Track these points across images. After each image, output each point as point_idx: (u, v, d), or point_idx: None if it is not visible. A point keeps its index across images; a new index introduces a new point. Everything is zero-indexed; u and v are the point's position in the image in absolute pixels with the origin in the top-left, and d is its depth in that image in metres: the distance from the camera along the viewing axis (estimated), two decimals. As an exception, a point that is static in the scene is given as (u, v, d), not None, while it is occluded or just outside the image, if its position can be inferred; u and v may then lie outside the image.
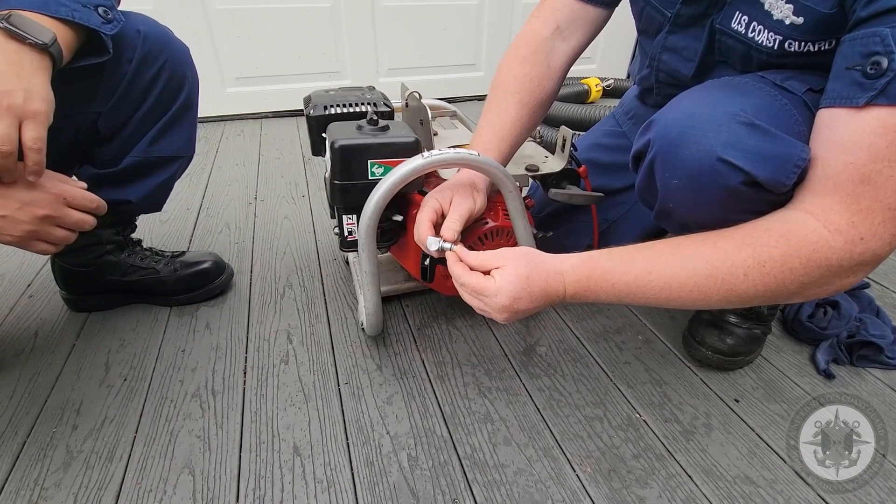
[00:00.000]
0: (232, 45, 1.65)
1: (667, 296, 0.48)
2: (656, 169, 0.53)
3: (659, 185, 0.54)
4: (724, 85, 0.52)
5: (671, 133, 0.50)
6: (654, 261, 0.49)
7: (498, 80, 0.69)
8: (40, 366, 0.73)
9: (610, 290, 0.50)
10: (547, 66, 0.69)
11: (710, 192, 0.49)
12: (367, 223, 0.59)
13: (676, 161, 0.49)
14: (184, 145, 0.76)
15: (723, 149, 0.46)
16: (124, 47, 0.64)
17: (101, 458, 0.60)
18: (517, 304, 0.50)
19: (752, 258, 0.45)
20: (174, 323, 0.81)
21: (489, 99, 0.69)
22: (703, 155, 0.47)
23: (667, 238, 0.52)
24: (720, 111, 0.47)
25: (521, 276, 0.50)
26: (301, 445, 0.62)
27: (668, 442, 0.64)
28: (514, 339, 0.80)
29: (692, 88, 0.54)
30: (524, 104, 0.67)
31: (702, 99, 0.50)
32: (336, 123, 0.65)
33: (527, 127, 0.69)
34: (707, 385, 0.73)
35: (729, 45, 0.56)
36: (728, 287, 0.46)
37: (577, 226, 0.87)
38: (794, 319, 0.82)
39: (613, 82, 1.95)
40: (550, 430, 0.66)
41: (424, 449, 0.62)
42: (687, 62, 0.62)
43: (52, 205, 0.55)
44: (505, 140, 0.66)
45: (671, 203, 0.54)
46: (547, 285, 0.51)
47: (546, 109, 0.72)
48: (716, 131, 0.46)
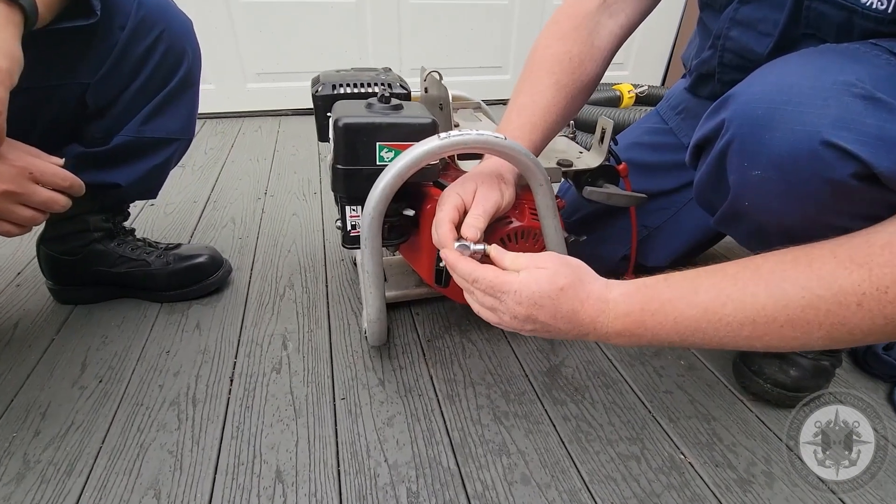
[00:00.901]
0: (254, 40, 1.62)
1: (748, 334, 0.37)
2: (731, 157, 0.42)
3: (733, 179, 0.43)
4: (827, 51, 0.41)
5: (756, 110, 0.39)
6: (728, 288, 0.38)
7: (532, 58, 0.60)
8: (14, 361, 0.66)
9: (671, 329, 0.39)
10: (591, 44, 0.59)
11: (806, 187, 0.38)
12: (370, 214, 0.51)
13: (762, 146, 0.39)
14: (180, 127, 0.70)
15: (830, 129, 0.35)
16: (116, 12, 0.58)
17: (60, 472, 0.53)
18: (536, 311, 0.41)
19: (869, 282, 0.34)
20: (162, 321, 0.74)
21: (521, 80, 0.59)
22: (801, 137, 0.36)
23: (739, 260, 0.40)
24: (827, 80, 0.36)
25: (555, 284, 0.40)
26: (285, 470, 0.54)
27: (720, 492, 0.53)
28: (535, 357, 0.71)
29: (782, 57, 0.42)
30: (562, 87, 0.57)
31: (800, 67, 0.39)
32: (343, 101, 0.58)
33: (563, 114, 0.59)
34: (765, 424, 0.62)
35: (821, 13, 0.46)
36: (834, 321, 0.35)
37: (613, 232, 0.78)
38: (866, 351, 0.70)
39: (647, 89, 1.84)
40: (577, 468, 0.55)
41: (427, 483, 0.53)
42: (762, 37, 0.52)
43: (16, 179, 0.48)
44: (537, 127, 0.57)
45: (748, 201, 0.43)
46: (581, 309, 0.41)
47: (587, 96, 0.62)
48: (821, 106, 0.36)
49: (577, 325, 0.42)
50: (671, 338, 0.40)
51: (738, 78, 0.45)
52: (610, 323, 0.41)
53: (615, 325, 0.41)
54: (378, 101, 0.54)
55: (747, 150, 0.40)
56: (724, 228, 0.50)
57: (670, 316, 0.39)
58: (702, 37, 0.64)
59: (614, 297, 0.42)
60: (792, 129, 0.37)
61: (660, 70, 2.12)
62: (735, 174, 0.43)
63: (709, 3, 0.60)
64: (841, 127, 0.35)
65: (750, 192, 0.42)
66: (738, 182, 0.43)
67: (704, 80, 0.64)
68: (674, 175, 0.74)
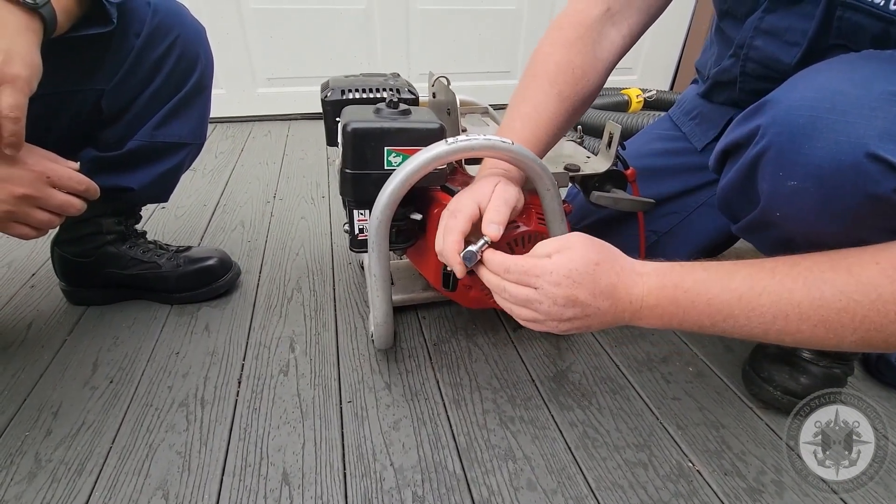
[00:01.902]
0: (265, 46, 1.64)
1: (780, 327, 0.37)
2: (765, 165, 0.41)
3: (766, 188, 0.42)
4: (873, 57, 0.39)
5: (798, 117, 0.38)
6: (766, 279, 0.38)
7: (535, 64, 0.59)
8: (27, 360, 0.67)
9: (703, 309, 0.39)
10: (593, 55, 0.59)
11: (845, 201, 0.37)
12: (378, 218, 0.51)
13: (800, 156, 0.38)
14: (192, 132, 0.71)
15: (878, 141, 0.34)
16: (131, 19, 0.59)
17: (70, 471, 0.53)
18: (576, 291, 0.40)
19: None
20: (172, 322, 0.75)
21: (523, 86, 0.59)
22: (844, 148, 0.35)
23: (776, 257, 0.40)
24: (875, 89, 0.35)
25: (590, 260, 0.40)
26: (291, 472, 0.54)
27: (729, 501, 0.53)
28: (542, 362, 0.70)
29: (825, 61, 0.41)
30: (564, 98, 0.57)
31: (845, 74, 0.38)
32: (352, 106, 0.58)
33: (563, 126, 0.59)
34: (775, 432, 0.61)
35: (855, 23, 0.44)
36: (870, 327, 0.34)
37: (621, 237, 0.77)
38: (878, 359, 0.69)
39: (656, 93, 1.84)
40: (584, 475, 0.55)
41: (433, 487, 0.53)
42: (790, 47, 0.50)
43: (34, 183, 0.50)
44: (541, 140, 0.57)
45: (780, 212, 0.42)
46: (619, 282, 0.40)
47: (586, 108, 0.62)
48: (868, 116, 0.34)
49: (616, 302, 0.41)
50: (702, 320, 0.39)
51: (761, 87, 0.44)
52: (644, 296, 0.41)
53: (649, 300, 0.41)
54: (386, 106, 0.55)
55: (785, 159, 0.39)
56: (748, 236, 0.49)
57: (703, 296, 0.39)
58: (721, 45, 0.63)
59: (648, 271, 0.41)
60: (836, 139, 0.36)
61: (668, 75, 2.11)
62: (768, 183, 0.41)
63: (729, 12, 0.59)
64: (889, 139, 0.34)
65: (783, 203, 0.41)
66: (771, 191, 0.42)
67: (722, 87, 0.63)
68: (683, 179, 0.74)
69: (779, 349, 0.64)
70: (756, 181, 0.43)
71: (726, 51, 0.60)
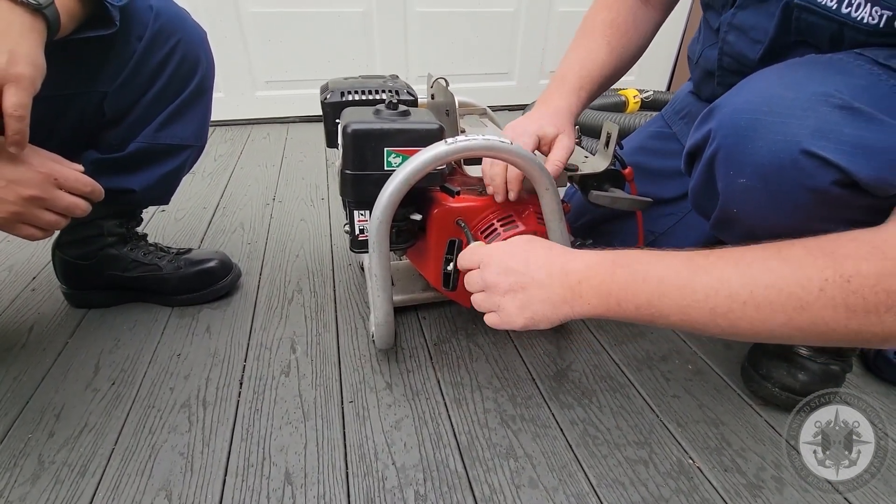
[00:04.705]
0: (263, 49, 1.64)
1: (712, 306, 0.37)
2: (718, 166, 0.43)
3: (721, 186, 0.44)
4: (810, 62, 0.42)
5: (740, 120, 0.40)
6: (699, 260, 0.39)
7: (584, 24, 0.67)
8: (29, 363, 0.68)
9: (641, 285, 0.40)
10: (633, 18, 0.66)
11: (789, 196, 0.39)
12: (378, 218, 0.52)
13: (745, 155, 0.40)
14: (194, 134, 0.71)
15: (810, 138, 0.36)
16: (134, 23, 0.60)
17: (74, 472, 0.54)
18: (510, 260, 0.45)
19: (832, 269, 0.34)
20: (173, 324, 0.75)
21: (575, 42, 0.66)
22: (781, 146, 0.37)
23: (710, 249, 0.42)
24: (807, 92, 0.38)
25: (524, 239, 0.47)
26: (294, 472, 0.54)
27: (729, 497, 0.53)
28: (542, 362, 0.71)
29: (768, 68, 0.44)
30: (612, 48, 0.64)
31: (782, 78, 0.41)
32: (351, 108, 0.59)
33: (610, 76, 0.65)
34: (774, 429, 0.61)
35: (811, 24, 0.46)
36: (796, 304, 0.35)
37: (619, 236, 0.78)
38: (877, 356, 0.70)
39: (653, 94, 1.85)
40: (585, 472, 0.55)
41: (435, 486, 0.53)
42: (754, 44, 0.53)
43: (41, 185, 0.50)
44: (595, 81, 0.63)
45: (736, 208, 0.44)
46: (553, 255, 0.44)
47: (628, 67, 0.68)
48: (801, 116, 0.37)
49: (551, 273, 0.43)
50: (638, 298, 0.40)
51: (735, 82, 0.46)
52: (583, 270, 0.42)
53: (587, 273, 0.42)
54: (386, 107, 0.55)
55: (732, 159, 0.41)
56: (719, 233, 0.50)
57: (639, 274, 0.40)
58: (706, 32, 0.66)
59: (583, 251, 0.44)
60: (773, 139, 0.38)
61: (665, 75, 2.13)
62: (722, 182, 0.44)
63: (710, 5, 0.61)
64: (820, 136, 0.36)
65: (737, 200, 0.43)
66: (726, 190, 0.44)
67: (707, 79, 0.65)
68: (678, 181, 0.75)
69: (777, 346, 0.65)
70: (715, 181, 0.45)
71: (709, 40, 0.63)
